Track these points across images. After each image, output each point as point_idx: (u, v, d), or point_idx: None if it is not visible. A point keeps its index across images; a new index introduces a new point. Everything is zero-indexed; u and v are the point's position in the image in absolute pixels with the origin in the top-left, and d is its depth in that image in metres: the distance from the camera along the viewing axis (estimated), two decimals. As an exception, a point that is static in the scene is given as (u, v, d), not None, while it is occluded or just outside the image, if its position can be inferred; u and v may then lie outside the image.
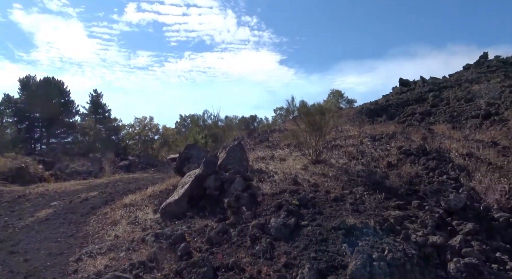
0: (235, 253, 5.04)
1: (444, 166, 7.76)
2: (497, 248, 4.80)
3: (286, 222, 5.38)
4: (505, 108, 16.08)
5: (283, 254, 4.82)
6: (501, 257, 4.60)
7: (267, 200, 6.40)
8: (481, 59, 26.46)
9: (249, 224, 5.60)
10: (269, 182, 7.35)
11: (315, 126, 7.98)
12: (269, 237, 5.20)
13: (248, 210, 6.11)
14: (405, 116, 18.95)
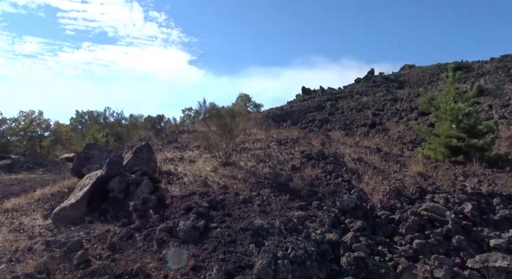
0: (141, 259, 4.84)
1: (339, 169, 8.60)
2: (379, 242, 5.54)
3: (195, 225, 5.37)
4: (387, 119, 18.52)
5: (192, 257, 4.81)
6: (382, 250, 5.33)
7: (176, 202, 6.29)
8: (368, 74, 30.02)
9: (156, 228, 5.44)
10: (178, 184, 7.23)
11: (225, 128, 8.13)
12: (177, 240, 5.12)
13: (155, 213, 5.92)
14: (307, 122, 20.43)
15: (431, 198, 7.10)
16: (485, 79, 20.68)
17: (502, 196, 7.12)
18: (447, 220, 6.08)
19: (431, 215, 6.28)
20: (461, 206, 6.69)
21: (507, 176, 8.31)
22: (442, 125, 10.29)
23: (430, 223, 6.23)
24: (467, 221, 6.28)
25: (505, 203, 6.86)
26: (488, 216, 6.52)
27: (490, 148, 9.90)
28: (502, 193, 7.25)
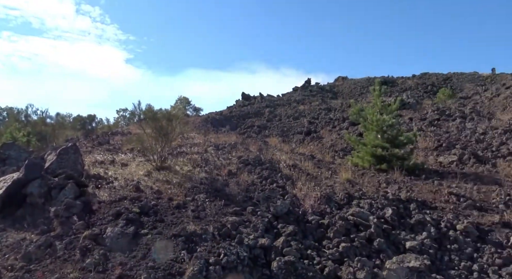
0: (60, 269, 4.49)
1: (274, 175, 8.80)
2: (309, 246, 5.76)
3: (124, 231, 5.12)
4: (321, 128, 19.44)
5: (118, 265, 4.57)
6: (311, 253, 5.55)
7: (104, 208, 5.93)
8: (306, 84, 31.29)
9: (80, 235, 5.09)
10: (108, 188, 6.84)
11: (161, 132, 7.89)
12: (103, 248, 4.84)
13: (80, 220, 5.53)
14: (245, 128, 20.64)
15: (357, 204, 7.56)
16: (407, 94, 22.70)
17: (418, 202, 7.83)
18: (370, 224, 6.52)
19: (357, 220, 6.68)
20: (383, 211, 7.22)
21: (422, 183, 9.19)
22: (369, 135, 11.08)
23: (356, 227, 6.63)
24: (388, 225, 6.79)
25: (420, 208, 7.55)
26: (406, 220, 7.12)
27: (409, 158, 10.87)
28: (418, 199, 7.99)
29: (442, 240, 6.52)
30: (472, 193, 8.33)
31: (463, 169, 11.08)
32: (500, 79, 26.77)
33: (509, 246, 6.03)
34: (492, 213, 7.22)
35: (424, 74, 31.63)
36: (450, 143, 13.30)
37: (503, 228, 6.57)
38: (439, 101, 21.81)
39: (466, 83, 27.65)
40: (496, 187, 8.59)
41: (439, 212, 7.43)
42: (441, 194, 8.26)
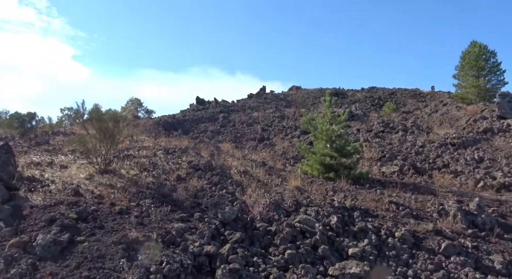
0: (-19, 281, 4.05)
1: (225, 181, 8.72)
2: (255, 253, 5.74)
3: (58, 239, 4.75)
4: (274, 135, 19.71)
5: (49, 275, 4.23)
6: (257, 261, 5.53)
7: (36, 213, 5.48)
8: (261, 91, 31.66)
9: (7, 243, 4.64)
10: (43, 192, 6.34)
11: (107, 133, 7.50)
12: (32, 257, 4.45)
13: (7, 226, 5.05)
14: (198, 132, 20.35)
15: (304, 211, 7.69)
16: (355, 106, 23.76)
17: (361, 210, 8.14)
18: (316, 231, 6.65)
19: (303, 227, 6.79)
20: (328, 218, 7.40)
21: (366, 192, 9.59)
22: (319, 144, 11.40)
23: (302, 234, 6.73)
24: (332, 232, 6.97)
25: (363, 216, 7.85)
26: (349, 227, 7.35)
27: (355, 167, 11.32)
28: (361, 207, 8.30)
29: (382, 247, 6.80)
30: (410, 202, 8.83)
31: (403, 179, 11.76)
32: (438, 97, 28.97)
33: (440, 253, 6.44)
34: (427, 221, 7.69)
35: (372, 88, 33.35)
36: (392, 154, 14.08)
37: (436, 236, 7.01)
38: (384, 115, 23.08)
39: (408, 99, 29.56)
40: (431, 196, 9.18)
41: (380, 220, 7.77)
42: (383, 202, 8.66)
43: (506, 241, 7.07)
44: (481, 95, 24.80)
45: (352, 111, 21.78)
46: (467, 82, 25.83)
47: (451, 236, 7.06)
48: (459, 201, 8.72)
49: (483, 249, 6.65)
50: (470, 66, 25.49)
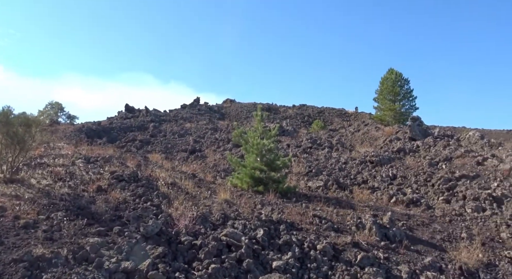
0: None
1: (150, 193, 8.36)
2: (178, 269, 5.53)
3: None
4: (206, 147, 19.51)
5: None
6: (179, 276, 5.32)
7: None
8: (194, 102, 31.34)
9: None
10: None
11: (15, 138, 6.73)
12: None
13: None
14: (126, 141, 19.35)
15: (232, 224, 7.65)
16: (286, 122, 24.63)
17: (287, 223, 8.34)
18: (242, 244, 6.64)
19: (229, 240, 6.74)
20: (255, 231, 7.45)
21: (293, 205, 9.89)
22: (249, 157, 11.53)
23: (228, 248, 6.66)
24: (258, 245, 7.02)
25: (288, 229, 8.05)
26: (275, 240, 7.47)
27: (283, 181, 11.64)
28: (287, 220, 8.51)
29: (304, 259, 7.01)
30: (332, 215, 9.29)
31: (327, 193, 12.37)
32: (361, 117, 31.36)
33: (356, 264, 6.83)
34: (346, 234, 8.14)
35: (302, 105, 34.97)
36: (318, 169, 14.78)
37: (353, 248, 7.43)
38: (313, 131, 24.26)
39: (335, 118, 31.54)
40: (351, 210, 9.77)
41: (304, 233, 8.02)
42: (307, 216, 8.98)
43: (412, 252, 7.75)
44: (397, 118, 27.44)
45: (283, 127, 22.53)
46: (385, 106, 28.41)
47: (366, 248, 7.53)
48: (375, 215, 9.39)
49: (393, 260, 7.20)
50: (387, 91, 28.13)
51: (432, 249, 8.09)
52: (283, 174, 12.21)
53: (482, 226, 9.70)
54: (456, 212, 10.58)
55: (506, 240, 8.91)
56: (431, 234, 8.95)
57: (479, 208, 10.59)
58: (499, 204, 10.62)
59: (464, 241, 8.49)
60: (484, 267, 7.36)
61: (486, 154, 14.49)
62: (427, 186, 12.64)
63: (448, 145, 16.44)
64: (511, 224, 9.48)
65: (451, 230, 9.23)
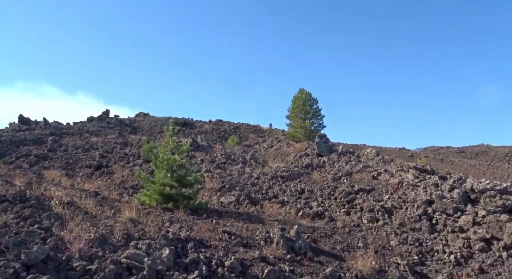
0: None
1: (40, 214, 7.43)
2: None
3: None
4: (114, 162, 18.27)
5: None
6: (67, 307, 4.74)
7: None
8: (103, 115, 29.35)
9: None
10: None
11: None
12: None
13: None
14: (17, 156, 17.12)
15: (135, 245, 7.17)
16: (201, 137, 24.43)
17: (196, 241, 8.12)
18: (144, 266, 6.23)
19: (130, 263, 6.27)
20: (160, 251, 7.07)
21: (203, 222, 9.69)
22: (159, 173, 11.07)
23: (128, 271, 6.19)
24: (163, 265, 6.66)
25: (197, 247, 7.83)
26: (181, 259, 7.18)
27: (195, 197, 11.39)
28: (196, 238, 8.29)
29: (212, 277, 6.86)
30: (242, 231, 9.33)
31: (239, 208, 12.44)
32: (275, 134, 32.67)
33: (263, 278, 6.91)
34: (255, 249, 8.21)
35: (219, 121, 35.17)
36: (231, 184, 14.84)
37: (261, 262, 7.52)
38: (228, 147, 24.43)
39: (250, 133, 32.33)
40: (260, 225, 9.94)
41: (212, 249, 7.88)
42: (217, 232, 8.87)
43: (315, 263, 8.13)
44: (307, 135, 29.22)
45: (197, 142, 22.27)
46: (296, 123, 30.09)
47: (273, 261, 7.68)
48: (283, 229, 9.69)
49: (298, 272, 7.46)
50: (298, 109, 29.90)
51: (333, 259, 8.59)
52: (195, 190, 11.96)
53: (376, 235, 10.68)
54: (355, 223, 11.49)
55: (394, 247, 9.92)
56: (332, 244, 9.53)
57: (373, 218, 11.66)
58: (389, 214, 11.83)
59: (360, 250, 9.21)
60: (376, 273, 8.05)
61: (380, 169, 16.15)
62: (330, 199, 13.54)
63: (349, 160, 17.94)
64: (399, 232, 10.60)
65: (350, 240, 9.96)
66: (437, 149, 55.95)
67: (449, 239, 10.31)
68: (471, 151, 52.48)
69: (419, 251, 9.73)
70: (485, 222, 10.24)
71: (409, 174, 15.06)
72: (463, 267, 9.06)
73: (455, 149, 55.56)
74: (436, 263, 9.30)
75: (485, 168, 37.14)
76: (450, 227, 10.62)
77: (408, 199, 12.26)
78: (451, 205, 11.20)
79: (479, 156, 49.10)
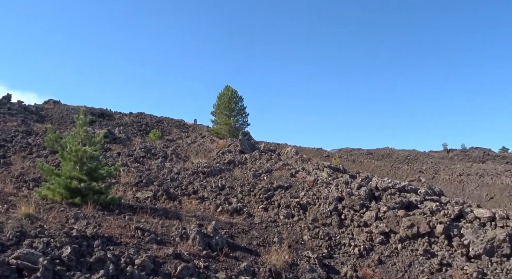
0: None
1: None
2: None
3: None
4: (14, 153, 16.22)
5: None
6: None
7: None
8: (4, 100, 25.96)
9: None
10: None
11: None
12: None
13: None
14: None
15: (30, 243, 6.39)
16: (119, 129, 22.99)
17: (104, 238, 7.53)
18: (39, 267, 5.57)
19: (21, 263, 5.56)
20: (60, 250, 6.41)
21: (114, 218, 9.05)
22: (66, 165, 10.08)
23: (18, 273, 5.48)
24: (63, 265, 6.04)
25: (104, 245, 7.27)
26: (85, 258, 6.60)
27: (107, 192, 10.60)
28: (104, 235, 7.70)
29: (119, 276, 6.41)
30: (157, 227, 8.93)
31: (156, 204, 11.93)
32: (199, 129, 32.19)
33: (175, 276, 6.67)
34: (169, 246, 7.91)
35: (140, 113, 33.48)
36: (149, 179, 14.18)
37: (175, 259, 7.25)
38: (149, 141, 23.36)
39: (174, 128, 31.38)
40: (177, 221, 9.63)
41: (122, 247, 7.39)
42: (129, 228, 8.36)
43: (231, 259, 8.13)
44: (231, 132, 29.32)
45: (115, 134, 20.88)
46: (221, 120, 30.02)
47: (188, 258, 7.47)
48: (200, 225, 9.51)
49: (212, 268, 7.36)
50: (224, 106, 29.87)
51: (249, 255, 8.68)
52: (107, 184, 11.13)
53: (290, 230, 11.09)
54: (272, 219, 11.80)
55: (307, 241, 10.40)
56: (249, 240, 9.63)
57: (289, 214, 12.10)
58: (304, 210, 12.40)
59: (275, 244, 9.46)
60: (288, 267, 8.33)
61: (298, 167, 16.87)
62: (250, 196, 13.72)
63: (270, 158, 18.42)
64: (311, 228, 11.15)
65: (266, 236, 10.18)
66: (350, 150, 60.70)
67: (355, 233, 11.15)
68: (377, 153, 58.00)
69: (329, 245, 10.35)
70: (385, 217, 11.29)
71: (324, 173, 15.98)
72: (365, 259, 9.86)
73: (365, 151, 60.90)
74: (343, 255, 9.98)
75: (389, 168, 41.33)
76: (356, 222, 11.49)
77: (322, 196, 12.99)
78: (358, 202, 12.14)
79: (384, 157, 54.49)
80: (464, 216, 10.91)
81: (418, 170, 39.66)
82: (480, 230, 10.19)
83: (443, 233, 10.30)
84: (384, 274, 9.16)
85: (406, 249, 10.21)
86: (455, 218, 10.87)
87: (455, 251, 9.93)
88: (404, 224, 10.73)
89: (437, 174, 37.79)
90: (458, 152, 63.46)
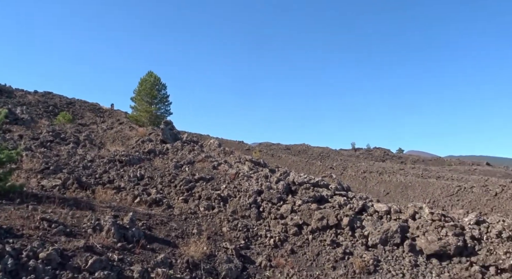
0: None
1: None
2: None
3: None
4: None
5: None
6: None
7: None
8: None
9: None
10: None
11: None
12: None
13: None
14: None
15: None
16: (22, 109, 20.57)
17: (1, 230, 6.75)
18: None
19: None
20: None
21: (14, 208, 8.14)
22: (-45, 147, 8.72)
23: None
24: (-52, 262, 5.27)
25: (2, 237, 6.53)
26: (-22, 253, 5.85)
27: (6, 179, 9.45)
28: (3, 226, 6.90)
29: (20, 271, 5.83)
30: (66, 218, 8.27)
31: (65, 193, 11.00)
32: (116, 115, 30.31)
33: (86, 269, 6.28)
34: (80, 238, 7.39)
35: (48, 93, 30.30)
36: (58, 166, 13.00)
37: (85, 252, 6.81)
38: (57, 124, 21.30)
39: (87, 112, 29.04)
40: (90, 212, 9.04)
41: (25, 240, 6.70)
42: (33, 220, 7.61)
43: (147, 251, 7.92)
44: (152, 120, 28.17)
45: (16, 114, 18.60)
46: (141, 107, 28.64)
47: (101, 251, 7.09)
48: (116, 216, 9.06)
49: (127, 261, 7.10)
50: (145, 93, 28.53)
51: (166, 246, 8.55)
52: (6, 170, 9.91)
53: (210, 222, 11.18)
54: (192, 210, 11.74)
55: (226, 233, 10.60)
56: (167, 232, 9.47)
57: (209, 206, 12.17)
58: (225, 202, 12.58)
59: (194, 236, 9.46)
60: (206, 258, 8.42)
61: (221, 159, 16.99)
62: (170, 187, 13.44)
63: (193, 149, 18.21)
64: (231, 220, 11.38)
65: (185, 227, 10.11)
66: (270, 145, 62.93)
67: (271, 225, 11.68)
68: (295, 149, 61.12)
69: (246, 236, 10.68)
70: (300, 210, 12.04)
71: (245, 166, 16.36)
72: (279, 249, 10.41)
73: (283, 146, 63.71)
74: (259, 246, 10.40)
75: (304, 164, 43.91)
76: (273, 214, 12.05)
77: (242, 189, 13.30)
78: (276, 195, 12.72)
79: (300, 153, 57.65)
80: (366, 210, 12.17)
81: (330, 166, 42.86)
82: (378, 222, 11.49)
83: (348, 225, 11.37)
84: (295, 263, 9.80)
85: (316, 240, 11.04)
86: (359, 211, 12.07)
87: (357, 241, 11.05)
88: (316, 216, 11.57)
89: (345, 170, 41.28)
90: (364, 151, 70.11)
